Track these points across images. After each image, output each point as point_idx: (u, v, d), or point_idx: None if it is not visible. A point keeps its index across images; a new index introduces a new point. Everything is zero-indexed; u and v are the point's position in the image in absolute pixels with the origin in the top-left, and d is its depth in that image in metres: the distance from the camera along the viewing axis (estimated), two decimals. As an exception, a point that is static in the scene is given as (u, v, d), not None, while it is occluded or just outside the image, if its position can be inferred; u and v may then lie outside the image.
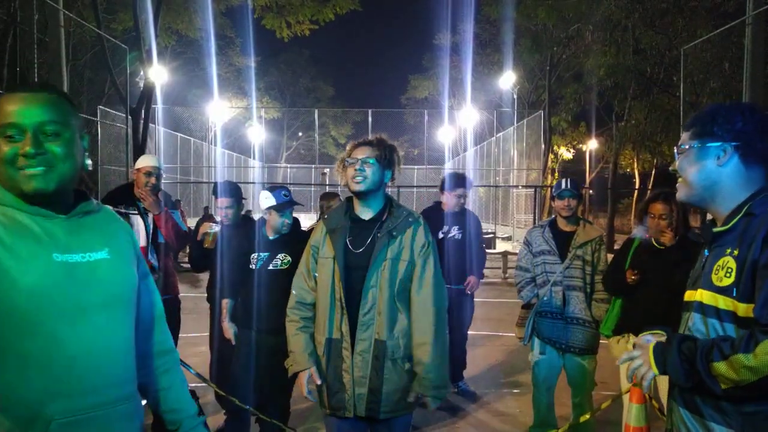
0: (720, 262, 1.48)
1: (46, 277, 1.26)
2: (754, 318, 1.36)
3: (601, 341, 3.63)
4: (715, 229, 1.54)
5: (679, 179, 1.61)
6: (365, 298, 2.29)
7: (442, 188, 4.75)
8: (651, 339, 1.55)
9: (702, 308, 1.52)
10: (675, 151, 1.63)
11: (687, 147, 1.57)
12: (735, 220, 1.50)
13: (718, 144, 1.52)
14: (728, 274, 1.45)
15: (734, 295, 1.42)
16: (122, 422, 1.37)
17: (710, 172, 1.53)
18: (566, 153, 26.32)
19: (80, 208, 1.38)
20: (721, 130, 1.52)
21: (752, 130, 1.50)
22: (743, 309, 1.40)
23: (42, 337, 1.24)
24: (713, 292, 1.48)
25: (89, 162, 1.76)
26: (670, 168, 1.64)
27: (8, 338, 1.23)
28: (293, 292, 2.48)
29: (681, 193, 1.61)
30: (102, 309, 1.33)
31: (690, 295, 1.61)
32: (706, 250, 1.59)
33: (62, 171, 1.30)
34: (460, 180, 4.69)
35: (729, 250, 1.47)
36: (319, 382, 2.34)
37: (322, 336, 2.36)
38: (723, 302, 1.45)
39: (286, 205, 3.32)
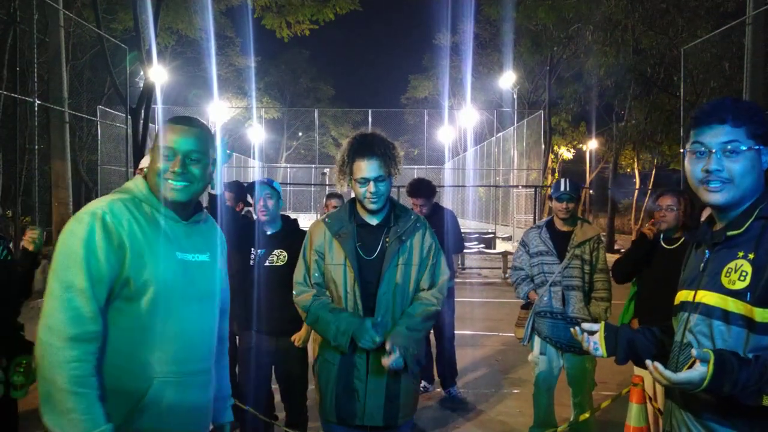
0: (731, 265, 1.43)
1: (172, 272, 1.59)
2: None
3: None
4: (730, 233, 1.47)
5: (716, 182, 1.46)
6: (380, 306, 2.24)
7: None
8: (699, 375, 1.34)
9: (705, 309, 1.47)
10: (713, 146, 1.46)
11: (746, 147, 1.43)
12: (749, 223, 1.44)
13: (766, 148, 1.47)
14: (742, 278, 1.40)
15: (748, 299, 1.38)
16: (200, 390, 1.68)
17: (759, 176, 1.47)
18: (566, 153, 26.31)
19: (195, 217, 1.72)
20: (765, 131, 1.46)
21: None
22: (760, 313, 1.36)
23: (159, 317, 1.57)
24: (722, 295, 1.43)
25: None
26: (712, 167, 1.45)
27: (140, 316, 1.54)
28: (301, 297, 2.34)
29: (726, 196, 1.46)
30: (199, 300, 1.67)
31: (686, 296, 1.56)
32: (707, 251, 1.53)
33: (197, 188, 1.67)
34: (413, 190, 4.61)
35: (742, 253, 1.42)
36: (379, 337, 2.15)
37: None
38: (734, 305, 1.41)
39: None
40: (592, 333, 1.74)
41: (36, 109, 9.59)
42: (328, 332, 2.22)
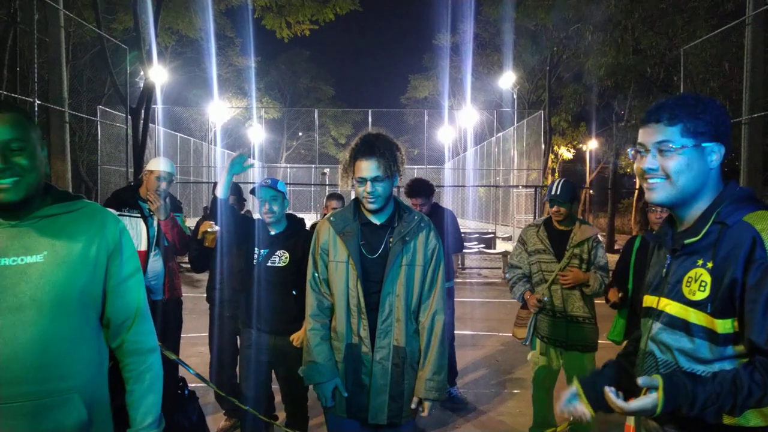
0: (691, 274, 1.38)
1: None
2: (755, 345, 1.27)
3: (600, 341, 3.64)
4: (687, 241, 1.41)
5: (653, 179, 1.43)
6: (383, 306, 2.26)
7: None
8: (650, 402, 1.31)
9: (667, 319, 1.42)
10: (648, 145, 1.43)
11: (679, 146, 1.38)
12: (706, 228, 1.38)
13: (713, 144, 1.39)
14: (702, 288, 1.35)
15: (709, 310, 1.33)
16: (25, 419, 1.40)
17: (702, 173, 1.39)
18: (566, 153, 26.32)
19: (37, 213, 1.47)
20: (712, 127, 1.38)
21: (728, 129, 1.41)
22: (721, 325, 1.32)
23: None
24: (683, 305, 1.39)
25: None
26: (645, 166, 1.43)
27: None
28: (311, 298, 2.39)
29: (660, 195, 1.42)
30: (17, 310, 1.40)
31: (651, 301, 1.51)
32: (668, 255, 1.48)
33: (29, 181, 1.43)
34: (411, 190, 4.62)
35: (701, 261, 1.37)
36: (345, 394, 2.31)
37: (340, 342, 2.32)
38: (695, 316, 1.36)
39: None
40: (573, 398, 1.65)
41: (36, 109, 9.58)
42: (305, 362, 2.36)
